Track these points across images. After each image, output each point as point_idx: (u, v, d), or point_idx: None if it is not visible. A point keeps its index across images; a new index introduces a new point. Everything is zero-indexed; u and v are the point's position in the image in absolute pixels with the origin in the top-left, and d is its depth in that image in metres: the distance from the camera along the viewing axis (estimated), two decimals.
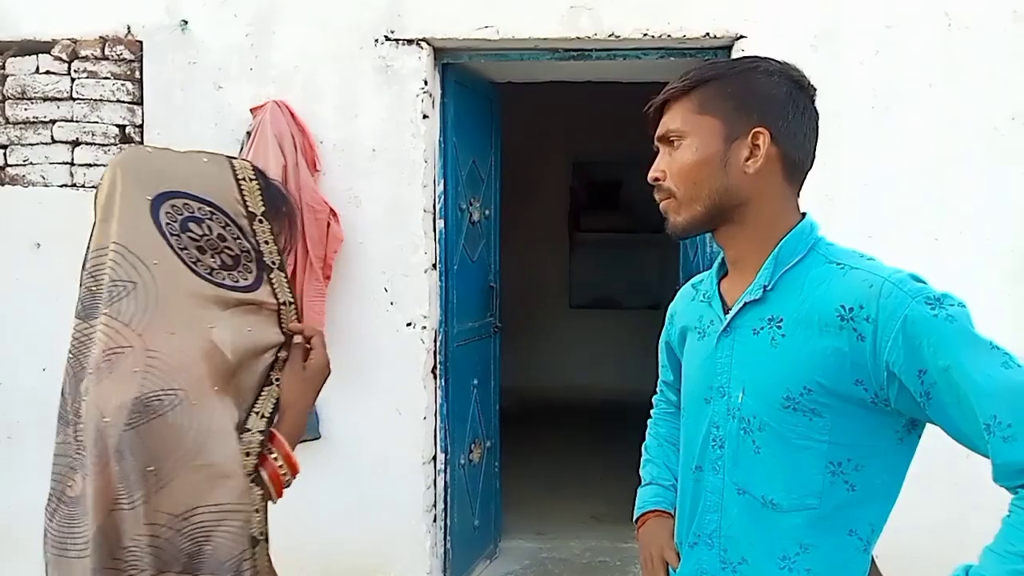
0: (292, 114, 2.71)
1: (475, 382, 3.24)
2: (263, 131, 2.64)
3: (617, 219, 6.86)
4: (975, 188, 2.65)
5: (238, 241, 1.11)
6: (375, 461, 2.85)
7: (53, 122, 2.87)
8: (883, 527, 1.09)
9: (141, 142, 2.85)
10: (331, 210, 2.69)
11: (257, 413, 1.11)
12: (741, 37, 2.68)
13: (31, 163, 2.89)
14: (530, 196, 6.18)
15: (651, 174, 1.14)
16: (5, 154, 2.91)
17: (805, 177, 1.14)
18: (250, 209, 1.12)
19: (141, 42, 2.85)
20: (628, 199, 6.95)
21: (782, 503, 1.02)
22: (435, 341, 2.92)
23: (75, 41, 2.85)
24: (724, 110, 1.06)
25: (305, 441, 2.74)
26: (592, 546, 3.59)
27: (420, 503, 2.88)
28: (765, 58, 1.11)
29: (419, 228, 2.81)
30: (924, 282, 1.00)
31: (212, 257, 1.08)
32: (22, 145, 2.89)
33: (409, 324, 2.83)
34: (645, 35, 2.70)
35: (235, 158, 1.16)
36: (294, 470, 1.12)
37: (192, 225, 1.07)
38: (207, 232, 1.08)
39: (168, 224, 1.05)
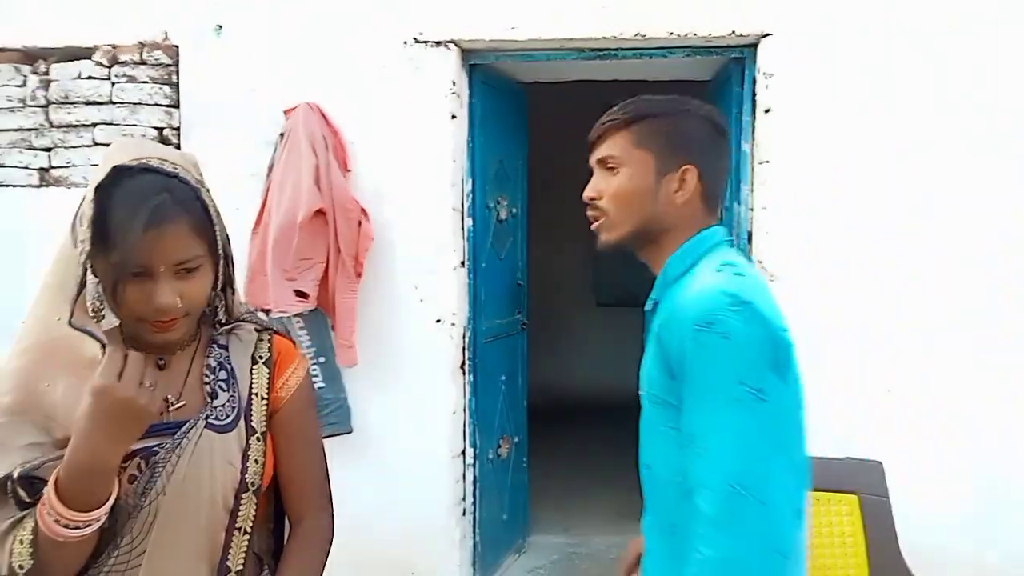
0: (324, 116, 2.77)
1: (503, 378, 3.28)
2: (296, 133, 2.70)
3: None
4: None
5: (80, 244, 1.01)
6: (405, 455, 2.91)
7: (94, 125, 2.96)
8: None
9: (178, 144, 2.93)
10: (362, 209, 2.75)
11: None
12: (767, 35, 2.69)
13: (73, 165, 2.99)
14: (557, 195, 6.20)
15: (587, 193, 1.28)
16: (49, 156, 3.01)
17: (721, 205, 1.28)
18: (83, 211, 1.01)
19: (178, 47, 2.93)
20: None
21: (662, 476, 1.17)
22: (464, 338, 2.97)
23: (115, 47, 2.94)
24: (658, 146, 1.20)
25: (338, 435, 2.82)
26: (618, 542, 3.61)
27: (449, 497, 2.93)
28: (694, 101, 1.24)
29: (448, 226, 2.86)
30: (724, 298, 1.05)
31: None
32: (65, 148, 2.99)
33: (438, 321, 2.88)
34: (671, 34, 2.72)
35: (135, 159, 1.01)
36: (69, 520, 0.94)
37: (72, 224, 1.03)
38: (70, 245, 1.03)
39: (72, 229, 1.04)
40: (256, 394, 1.13)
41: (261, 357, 1.16)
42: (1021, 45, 2.61)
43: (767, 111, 2.71)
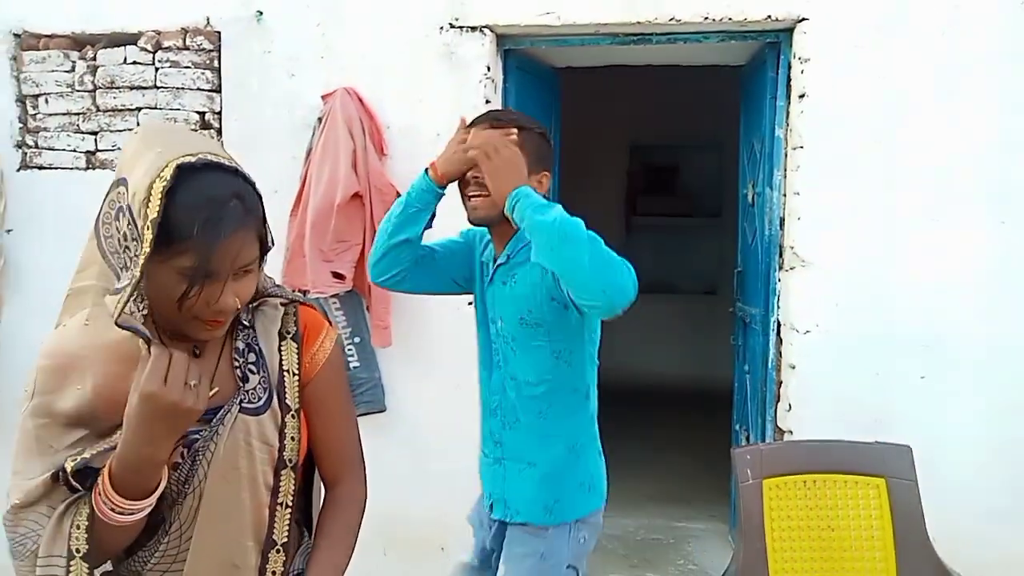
0: (361, 100, 2.83)
1: None
2: (333, 117, 2.76)
3: (674, 203, 6.83)
4: None
5: (133, 244, 0.98)
6: (437, 434, 2.97)
7: (139, 109, 3.05)
8: (595, 382, 1.76)
9: (219, 128, 3.01)
10: (397, 192, 2.79)
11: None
12: (803, 20, 2.67)
13: (119, 148, 3.08)
14: (588, 180, 6.21)
15: (473, 173, 1.66)
16: (96, 140, 3.11)
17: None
18: (146, 213, 0.95)
19: (219, 33, 3.00)
20: (685, 183, 6.92)
21: (531, 381, 1.68)
22: None
23: (159, 33, 3.02)
24: (528, 152, 1.60)
25: (371, 414, 2.89)
26: (645, 524, 3.66)
27: (478, 476, 2.98)
28: (540, 123, 1.73)
29: None
30: None
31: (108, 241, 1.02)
32: (111, 131, 3.09)
33: (470, 303, 2.91)
34: (706, 19, 2.72)
35: (190, 154, 0.98)
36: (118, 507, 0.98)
37: (115, 216, 1.01)
38: (115, 232, 1.01)
39: (104, 212, 1.03)
40: (287, 371, 1.14)
41: (288, 332, 1.16)
42: None
43: (802, 96, 2.70)
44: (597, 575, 3.14)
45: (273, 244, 1.10)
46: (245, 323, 1.14)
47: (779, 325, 2.82)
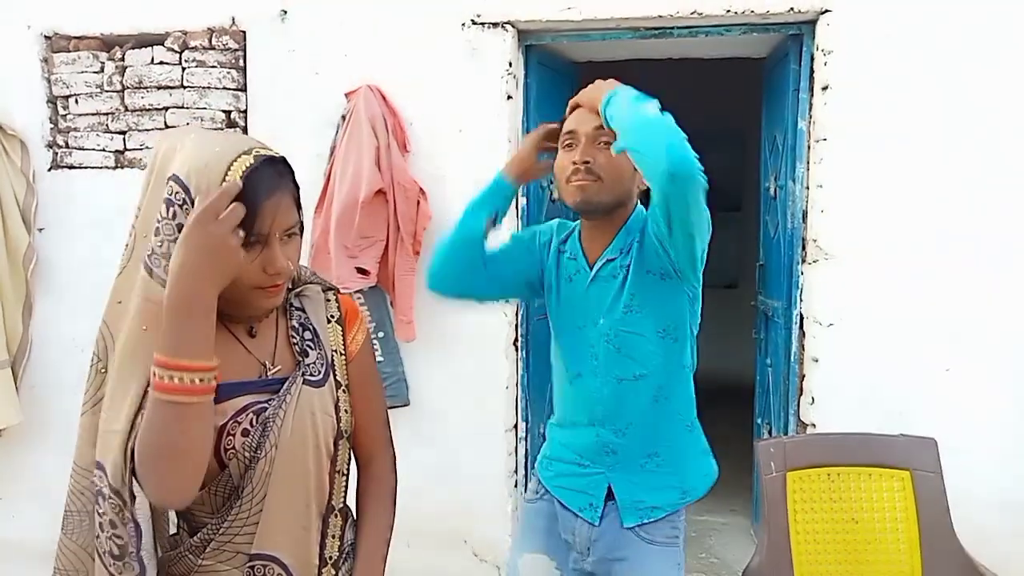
0: (384, 98, 2.85)
1: None
2: (357, 114, 2.79)
3: None
4: None
5: None
6: (460, 428, 3.00)
7: (166, 109, 3.10)
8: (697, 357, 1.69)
9: (245, 126, 3.05)
10: (420, 189, 2.83)
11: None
12: (826, 11, 2.66)
13: (147, 147, 3.13)
14: None
15: (582, 157, 1.54)
16: (124, 139, 3.16)
17: None
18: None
19: (245, 32, 3.04)
20: (707, 176, 6.88)
21: (639, 373, 1.57)
22: (516, 315, 3.03)
23: (185, 33, 3.07)
24: None
25: (395, 408, 2.92)
26: None
27: (502, 469, 3.02)
28: None
29: None
30: None
31: (161, 243, 1.04)
32: (138, 131, 3.14)
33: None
34: (728, 11, 2.71)
35: (253, 152, 1.06)
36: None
37: (164, 207, 1.05)
38: (171, 218, 1.04)
39: (165, 202, 1.05)
40: (336, 351, 1.22)
41: (333, 316, 1.25)
42: None
43: (825, 88, 2.69)
44: None
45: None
46: (296, 305, 1.22)
47: (802, 318, 2.81)
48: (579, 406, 1.64)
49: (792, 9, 2.67)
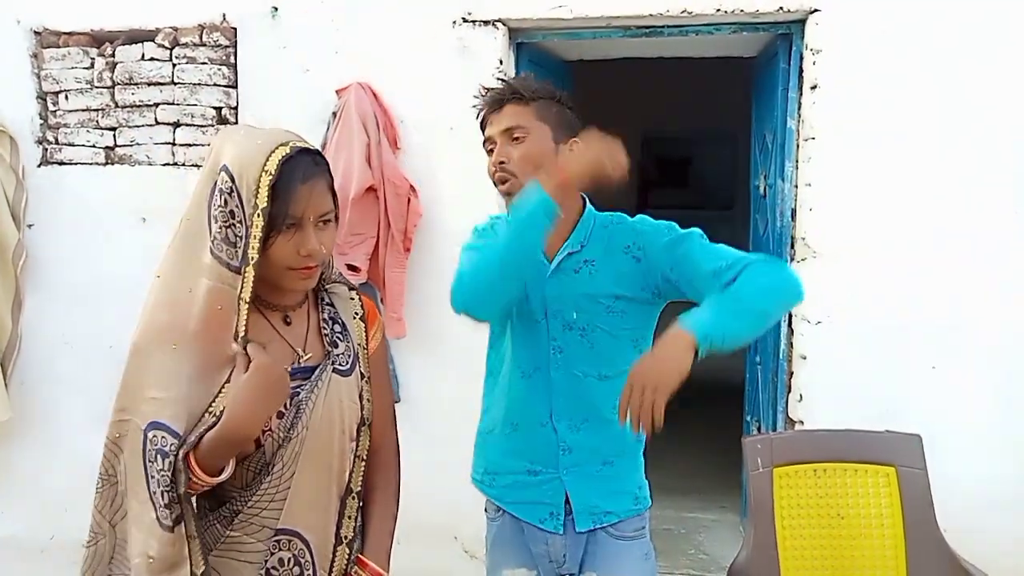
0: (375, 95, 2.86)
1: None
2: (348, 112, 2.79)
3: (686, 195, 6.82)
4: None
5: (240, 225, 1.12)
6: (450, 425, 2.99)
7: (157, 105, 3.10)
8: None
9: (236, 123, 3.05)
10: (411, 186, 2.83)
11: (210, 412, 1.12)
12: (815, 11, 2.68)
13: (137, 143, 3.13)
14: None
15: (496, 159, 1.52)
16: (115, 135, 3.15)
17: None
18: (256, 201, 1.11)
19: (235, 29, 3.03)
20: (697, 176, 6.91)
21: (608, 373, 1.56)
22: None
23: (176, 29, 3.06)
24: (554, 121, 1.51)
25: None
26: (658, 515, 3.65)
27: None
28: (558, 90, 1.58)
29: (494, 202, 2.92)
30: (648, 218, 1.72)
31: (220, 229, 1.12)
32: (129, 127, 3.13)
33: None
34: (718, 10, 2.72)
35: (289, 144, 1.15)
36: (201, 482, 1.11)
37: (217, 196, 1.13)
38: (223, 205, 1.12)
39: (213, 193, 1.14)
40: (360, 345, 1.32)
41: (357, 314, 1.34)
42: None
43: (814, 87, 2.70)
44: None
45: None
46: (327, 301, 1.31)
47: (790, 316, 2.83)
48: (532, 404, 1.61)
49: (781, 8, 2.69)
